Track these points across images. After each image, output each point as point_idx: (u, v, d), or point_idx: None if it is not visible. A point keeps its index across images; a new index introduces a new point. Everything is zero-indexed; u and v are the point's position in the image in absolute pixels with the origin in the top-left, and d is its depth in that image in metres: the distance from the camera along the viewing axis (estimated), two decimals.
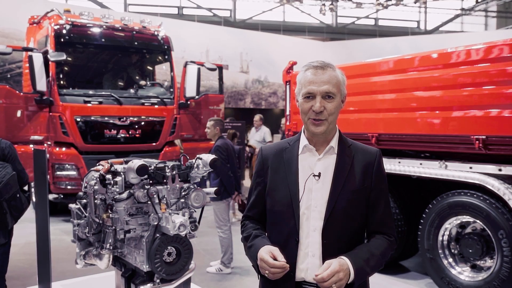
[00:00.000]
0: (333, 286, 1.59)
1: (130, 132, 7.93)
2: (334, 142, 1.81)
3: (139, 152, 7.78)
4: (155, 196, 1.91)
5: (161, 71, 9.54)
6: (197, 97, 8.88)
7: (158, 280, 1.88)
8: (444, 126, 4.45)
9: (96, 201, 1.98)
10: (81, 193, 2.13)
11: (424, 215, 4.63)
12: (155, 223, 1.89)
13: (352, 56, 17.24)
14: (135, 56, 8.98)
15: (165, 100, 8.39)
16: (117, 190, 1.96)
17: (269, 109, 18.92)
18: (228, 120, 11.42)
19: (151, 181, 1.94)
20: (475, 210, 4.19)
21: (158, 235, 1.88)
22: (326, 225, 1.73)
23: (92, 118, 7.65)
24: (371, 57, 6.12)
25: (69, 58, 7.89)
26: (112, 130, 7.78)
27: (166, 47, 8.68)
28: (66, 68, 7.96)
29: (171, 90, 8.64)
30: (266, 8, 20.97)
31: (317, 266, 1.72)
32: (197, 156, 2.05)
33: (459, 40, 14.45)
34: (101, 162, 2.05)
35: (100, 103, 7.71)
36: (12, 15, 12.47)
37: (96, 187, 1.97)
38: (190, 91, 8.63)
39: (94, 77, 8.67)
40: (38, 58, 7.20)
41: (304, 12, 21.57)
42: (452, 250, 4.53)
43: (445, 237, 4.53)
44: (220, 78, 9.61)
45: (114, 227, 1.92)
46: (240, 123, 10.49)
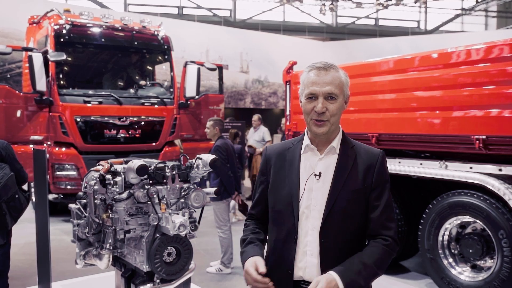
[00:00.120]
0: None
1: (130, 132, 7.93)
2: (336, 142, 1.82)
3: (139, 152, 7.78)
4: (155, 196, 1.91)
5: (161, 71, 9.54)
6: (197, 97, 8.88)
7: (158, 280, 1.88)
8: (444, 126, 4.45)
9: (96, 201, 1.97)
10: (81, 193, 2.12)
11: (424, 215, 4.63)
12: (155, 223, 1.89)
13: (352, 56, 17.23)
14: (135, 56, 8.97)
15: (165, 100, 8.39)
16: (117, 190, 1.96)
17: (269, 109, 18.91)
18: (228, 120, 11.42)
19: (151, 181, 1.94)
20: (475, 210, 4.19)
21: (158, 235, 1.88)
22: (324, 224, 1.74)
23: (92, 118, 7.65)
24: (371, 57, 6.11)
25: (69, 58, 7.89)
26: (112, 130, 7.78)
27: (166, 47, 8.67)
28: (66, 68, 7.96)
29: (171, 90, 8.64)
30: (266, 8, 20.95)
31: (315, 265, 1.73)
32: (197, 156, 2.05)
33: (459, 40, 14.42)
34: (101, 162, 2.04)
35: (100, 103, 7.71)
36: (12, 15, 12.46)
37: (96, 187, 1.97)
38: (190, 91, 8.63)
39: (94, 77, 8.66)
40: (38, 58, 7.20)
41: (304, 12, 21.54)
42: (452, 250, 4.53)
43: (445, 237, 4.53)
44: (220, 78, 9.60)
45: (114, 227, 1.91)
46: (240, 123, 10.49)
